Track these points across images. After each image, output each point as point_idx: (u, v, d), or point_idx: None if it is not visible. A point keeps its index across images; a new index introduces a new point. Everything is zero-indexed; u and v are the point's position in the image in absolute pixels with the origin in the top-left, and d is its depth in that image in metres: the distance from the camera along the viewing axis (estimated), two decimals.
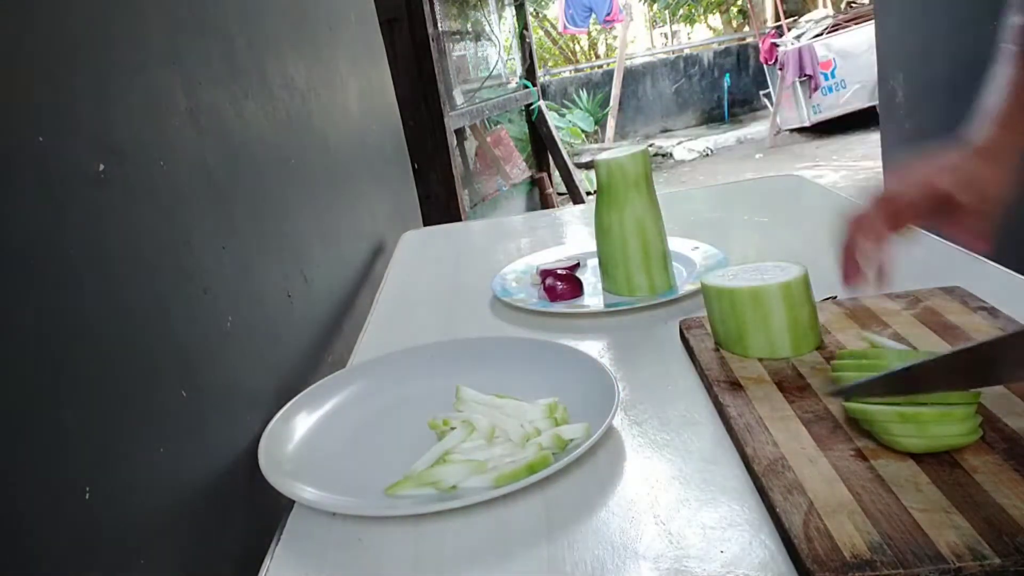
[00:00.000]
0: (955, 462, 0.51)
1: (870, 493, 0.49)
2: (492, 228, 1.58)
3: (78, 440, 0.46)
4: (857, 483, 0.50)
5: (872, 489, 0.49)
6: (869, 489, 0.49)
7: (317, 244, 1.07)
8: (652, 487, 0.56)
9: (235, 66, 0.86)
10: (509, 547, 0.53)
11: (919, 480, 0.49)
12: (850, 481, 0.50)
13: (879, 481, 0.50)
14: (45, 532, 0.42)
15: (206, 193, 0.72)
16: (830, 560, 0.43)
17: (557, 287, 0.97)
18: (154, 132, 0.63)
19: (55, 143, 0.49)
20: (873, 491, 0.49)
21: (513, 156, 4.29)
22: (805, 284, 0.71)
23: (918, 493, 0.48)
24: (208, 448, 0.64)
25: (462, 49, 3.66)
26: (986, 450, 0.51)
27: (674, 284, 0.95)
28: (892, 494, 0.48)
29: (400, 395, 0.76)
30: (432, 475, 0.59)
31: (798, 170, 5.16)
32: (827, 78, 6.77)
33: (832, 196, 1.34)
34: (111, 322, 0.52)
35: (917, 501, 0.47)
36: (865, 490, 0.49)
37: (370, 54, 1.75)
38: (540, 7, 11.35)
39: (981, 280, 0.80)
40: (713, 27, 13.32)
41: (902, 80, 2.19)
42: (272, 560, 0.55)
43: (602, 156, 0.93)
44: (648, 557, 0.49)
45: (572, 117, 7.89)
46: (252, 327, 0.77)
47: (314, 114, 1.17)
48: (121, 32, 0.61)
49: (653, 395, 0.70)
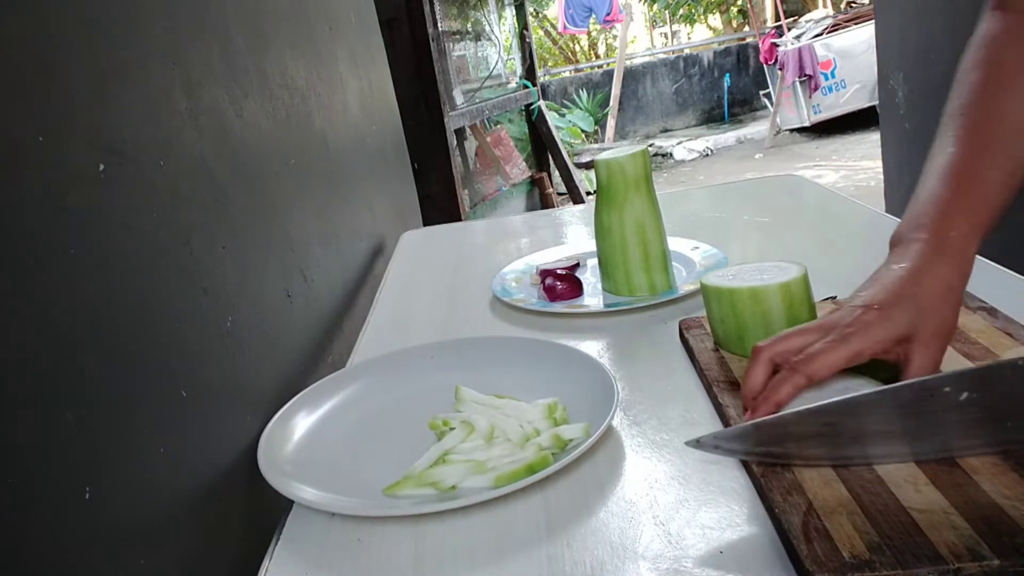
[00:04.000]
0: (954, 462, 0.51)
1: (869, 493, 0.49)
2: (492, 228, 1.58)
3: (78, 440, 0.46)
4: (856, 483, 0.50)
5: (871, 489, 0.49)
6: (868, 489, 0.49)
7: (317, 244, 1.07)
8: (651, 487, 0.56)
9: (235, 66, 0.86)
10: (509, 547, 0.53)
11: (918, 480, 0.49)
12: (849, 481, 0.50)
13: (878, 481, 0.50)
14: (45, 532, 0.42)
15: (206, 193, 0.72)
16: (829, 560, 0.43)
17: (557, 287, 0.97)
18: (154, 132, 0.63)
19: (55, 143, 0.49)
20: (872, 491, 0.49)
21: (513, 156, 4.29)
22: (805, 284, 0.71)
23: (917, 493, 0.48)
24: (208, 448, 0.64)
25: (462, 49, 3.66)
26: None
27: (674, 284, 0.95)
28: (891, 494, 0.48)
29: (400, 395, 0.76)
30: (432, 475, 0.59)
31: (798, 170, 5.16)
32: (827, 78, 6.78)
33: (832, 196, 1.34)
34: (111, 322, 0.52)
35: (916, 501, 0.47)
36: (864, 490, 0.49)
37: (370, 54, 1.75)
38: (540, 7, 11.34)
39: (981, 280, 0.80)
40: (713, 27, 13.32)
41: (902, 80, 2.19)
42: (271, 560, 0.56)
43: (602, 156, 0.93)
44: (647, 557, 0.49)
45: (572, 117, 7.89)
46: (252, 327, 0.77)
47: (314, 114, 1.17)
48: (121, 32, 0.60)
49: (653, 395, 0.70)
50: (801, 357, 0.57)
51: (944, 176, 0.63)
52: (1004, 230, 0.67)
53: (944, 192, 0.62)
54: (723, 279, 0.73)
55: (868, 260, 0.64)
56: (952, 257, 0.59)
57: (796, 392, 0.56)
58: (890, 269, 0.60)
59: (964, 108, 0.66)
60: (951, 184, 0.62)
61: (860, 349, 0.56)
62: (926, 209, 0.62)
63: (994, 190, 0.62)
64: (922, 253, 0.59)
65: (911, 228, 0.62)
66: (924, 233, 0.60)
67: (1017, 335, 0.66)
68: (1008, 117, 0.64)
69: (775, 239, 1.14)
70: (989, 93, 0.66)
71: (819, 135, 7.01)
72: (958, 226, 0.60)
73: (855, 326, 0.56)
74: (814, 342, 0.58)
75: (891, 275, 0.59)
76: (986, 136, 0.64)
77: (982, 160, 0.63)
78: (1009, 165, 0.63)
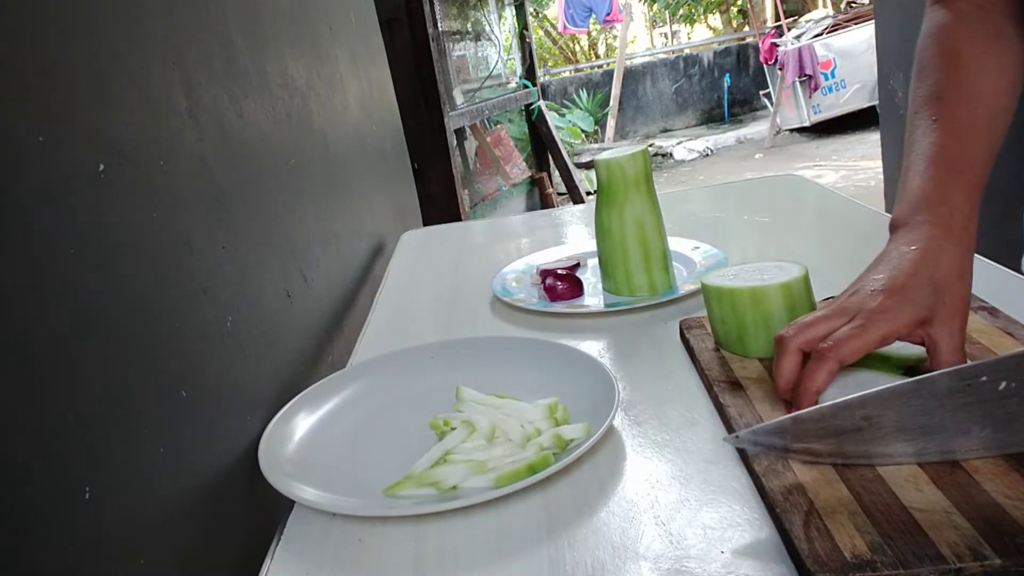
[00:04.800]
0: (955, 462, 0.51)
1: (870, 493, 0.49)
2: (492, 228, 1.58)
3: (78, 440, 0.46)
4: (857, 483, 0.50)
5: (872, 489, 0.49)
6: (869, 489, 0.49)
7: (317, 244, 1.07)
8: (652, 487, 0.56)
9: (235, 66, 0.86)
10: (510, 547, 0.53)
11: (919, 480, 0.49)
12: (850, 481, 0.50)
13: (879, 481, 0.50)
14: (45, 532, 0.42)
15: (206, 193, 0.72)
16: (831, 560, 0.43)
17: (557, 287, 0.97)
18: (154, 132, 0.63)
19: (55, 143, 0.49)
20: (873, 491, 0.49)
21: (513, 156, 4.29)
22: (805, 284, 0.71)
23: (918, 493, 0.48)
24: (208, 448, 0.64)
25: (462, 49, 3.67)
26: None
27: (674, 284, 0.95)
28: (892, 494, 0.48)
29: (400, 395, 0.76)
30: (433, 475, 0.59)
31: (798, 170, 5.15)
32: (827, 78, 6.78)
33: (832, 196, 1.34)
34: (111, 322, 0.52)
35: (917, 501, 0.47)
36: (865, 490, 0.49)
37: (370, 54, 1.75)
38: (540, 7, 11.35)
39: (981, 280, 0.80)
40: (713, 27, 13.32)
41: (902, 80, 2.19)
42: (272, 560, 0.55)
43: (602, 156, 0.93)
44: (648, 557, 0.49)
45: (572, 117, 7.89)
46: (252, 327, 0.77)
47: (314, 114, 1.17)
48: (121, 32, 0.60)
49: (653, 395, 0.70)
50: (830, 343, 0.57)
51: (936, 159, 0.64)
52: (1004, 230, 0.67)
53: (941, 175, 0.63)
54: (723, 279, 0.73)
55: (868, 260, 0.64)
56: (960, 237, 0.60)
57: (831, 378, 0.57)
58: (900, 251, 0.61)
59: (938, 94, 0.68)
60: (946, 166, 0.64)
61: (888, 332, 0.56)
62: (926, 192, 0.63)
63: (983, 171, 0.64)
64: (932, 235, 0.60)
65: (913, 211, 0.63)
66: (929, 215, 0.62)
67: (1018, 335, 0.66)
68: (981, 100, 0.67)
69: (775, 239, 1.14)
70: (958, 78, 0.68)
71: (819, 135, 7.01)
72: (960, 207, 0.62)
73: (880, 310, 0.57)
74: (839, 327, 0.58)
75: (904, 258, 0.60)
76: (967, 119, 0.66)
77: (969, 142, 0.65)
78: (991, 145, 0.66)
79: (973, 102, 0.66)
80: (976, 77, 0.68)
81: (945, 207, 0.62)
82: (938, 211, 0.62)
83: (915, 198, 0.64)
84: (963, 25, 0.71)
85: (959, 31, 0.71)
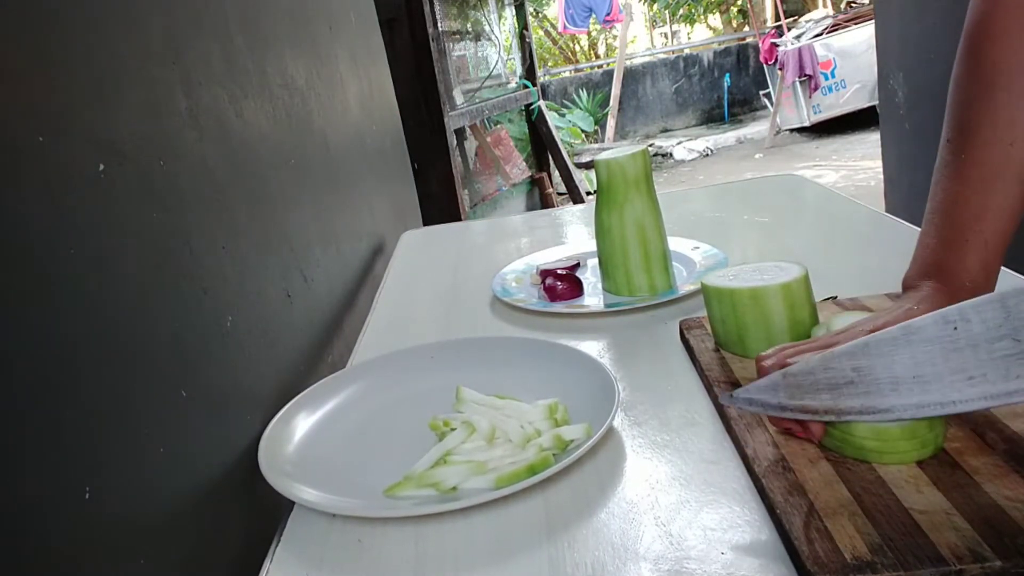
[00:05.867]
0: (956, 464, 0.51)
1: (871, 494, 0.49)
2: (492, 228, 1.58)
3: (78, 440, 0.46)
4: (858, 484, 0.50)
5: (873, 490, 0.49)
6: (870, 490, 0.49)
7: (317, 244, 1.07)
8: (652, 488, 0.56)
9: (235, 66, 0.86)
10: (510, 548, 0.53)
11: (920, 481, 0.49)
12: (851, 482, 0.50)
13: (879, 482, 0.50)
14: (45, 532, 0.42)
15: (206, 193, 0.72)
16: (831, 562, 0.43)
17: (557, 287, 0.97)
18: (154, 132, 0.63)
19: (55, 143, 0.49)
20: (874, 492, 0.49)
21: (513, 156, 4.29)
22: (805, 284, 0.71)
23: (919, 494, 0.48)
24: (208, 448, 0.64)
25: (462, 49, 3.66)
26: (987, 451, 0.51)
27: (674, 284, 0.95)
28: (893, 495, 0.48)
29: (400, 395, 0.76)
30: (432, 476, 0.59)
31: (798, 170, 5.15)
32: (827, 78, 6.78)
33: (832, 196, 1.34)
34: (111, 322, 0.52)
35: (918, 502, 0.47)
36: (866, 491, 0.49)
37: (370, 54, 1.75)
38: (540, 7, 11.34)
39: None
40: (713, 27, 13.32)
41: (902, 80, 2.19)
42: (272, 561, 0.55)
43: (602, 156, 0.93)
44: (648, 558, 0.49)
45: (572, 117, 7.89)
46: (252, 327, 0.77)
47: (314, 114, 1.17)
48: (121, 32, 0.60)
49: (653, 395, 0.70)
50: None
51: (954, 214, 0.61)
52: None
53: (957, 235, 0.60)
54: (723, 279, 0.73)
55: (868, 260, 0.64)
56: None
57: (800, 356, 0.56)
58: (903, 307, 0.59)
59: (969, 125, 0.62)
60: (963, 226, 0.60)
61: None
62: (937, 256, 0.61)
63: (1012, 220, 0.60)
64: (935, 302, 0.58)
65: (923, 275, 0.61)
66: (937, 283, 0.60)
67: None
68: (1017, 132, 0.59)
69: (775, 239, 1.14)
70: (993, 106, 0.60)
71: (819, 135, 7.01)
72: (973, 274, 0.59)
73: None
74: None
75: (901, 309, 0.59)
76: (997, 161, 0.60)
77: (995, 189, 0.60)
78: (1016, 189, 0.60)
79: (1008, 136, 0.59)
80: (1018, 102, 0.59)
81: (955, 276, 0.59)
82: (948, 279, 0.59)
83: (926, 262, 0.61)
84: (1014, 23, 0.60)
85: (1006, 34, 0.60)
